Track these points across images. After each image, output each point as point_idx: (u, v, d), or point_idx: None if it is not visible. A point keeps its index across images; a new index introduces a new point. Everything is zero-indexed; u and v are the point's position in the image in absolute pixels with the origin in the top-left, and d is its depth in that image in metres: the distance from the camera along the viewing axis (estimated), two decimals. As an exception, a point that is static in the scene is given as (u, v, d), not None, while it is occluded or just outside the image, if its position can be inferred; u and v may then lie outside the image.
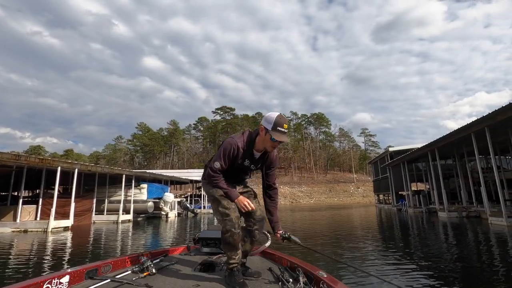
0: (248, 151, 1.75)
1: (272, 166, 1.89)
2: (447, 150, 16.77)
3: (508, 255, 5.20)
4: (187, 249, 2.50)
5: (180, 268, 1.95)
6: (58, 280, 1.38)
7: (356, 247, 6.27)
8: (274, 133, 1.63)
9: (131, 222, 15.45)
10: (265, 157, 1.83)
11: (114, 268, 1.85)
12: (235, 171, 1.82)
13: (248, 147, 1.75)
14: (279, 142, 1.66)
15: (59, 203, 12.06)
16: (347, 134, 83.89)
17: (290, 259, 1.96)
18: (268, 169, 1.89)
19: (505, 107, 9.06)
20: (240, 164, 1.78)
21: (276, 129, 1.62)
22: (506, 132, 11.49)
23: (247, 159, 1.77)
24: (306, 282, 1.51)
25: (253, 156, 1.78)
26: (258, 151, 1.78)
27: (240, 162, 1.76)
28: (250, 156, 1.77)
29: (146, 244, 7.56)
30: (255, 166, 1.84)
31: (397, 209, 22.07)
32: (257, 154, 1.80)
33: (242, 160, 1.76)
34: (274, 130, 1.63)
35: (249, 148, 1.75)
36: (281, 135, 1.63)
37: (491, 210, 11.49)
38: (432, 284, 3.44)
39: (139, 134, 77.86)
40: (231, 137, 1.80)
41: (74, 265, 4.71)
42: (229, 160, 1.74)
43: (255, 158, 1.79)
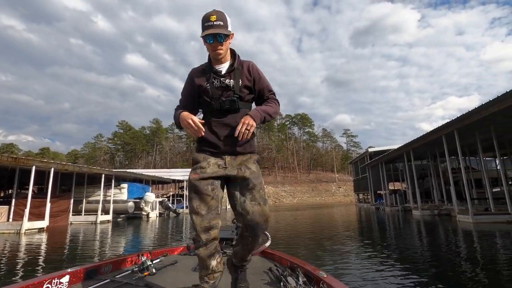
0: (208, 69, 1.48)
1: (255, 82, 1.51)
2: (421, 151, 17.57)
3: (470, 249, 5.61)
4: (187, 249, 2.48)
5: (180, 268, 1.93)
6: (58, 280, 1.39)
7: (336, 247, 6.52)
8: (202, 34, 1.37)
9: (110, 223, 15.11)
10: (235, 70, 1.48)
11: (114, 268, 1.84)
12: (212, 103, 1.44)
13: (208, 65, 1.50)
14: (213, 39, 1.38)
15: (33, 204, 11.64)
16: (330, 134, 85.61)
17: (290, 259, 1.94)
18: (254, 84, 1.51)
19: (471, 111, 9.67)
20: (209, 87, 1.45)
21: (204, 26, 1.37)
22: (474, 134, 12.21)
23: (213, 78, 1.45)
24: (306, 282, 1.50)
25: (217, 72, 1.46)
26: (219, 63, 1.48)
27: (206, 85, 1.45)
28: (215, 73, 1.46)
29: (127, 245, 7.49)
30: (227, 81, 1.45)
31: (375, 208, 22.84)
32: (222, 68, 1.48)
33: (207, 80, 1.46)
34: (202, 31, 1.38)
35: (209, 66, 1.49)
36: (207, 29, 1.35)
37: (459, 208, 12.20)
38: (404, 274, 3.70)
39: (120, 133, 75.79)
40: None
41: (48, 270, 4.64)
42: (191, 87, 1.49)
43: (221, 72, 1.47)
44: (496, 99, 8.47)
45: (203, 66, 1.52)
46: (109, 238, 9.14)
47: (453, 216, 12.71)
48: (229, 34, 1.40)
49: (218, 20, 1.37)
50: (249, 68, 1.50)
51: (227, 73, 1.47)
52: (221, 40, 1.39)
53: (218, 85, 1.45)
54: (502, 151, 16.66)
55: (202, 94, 1.48)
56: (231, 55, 1.52)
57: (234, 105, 1.42)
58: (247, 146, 1.47)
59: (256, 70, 1.52)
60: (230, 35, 1.42)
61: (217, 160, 1.41)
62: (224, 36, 1.38)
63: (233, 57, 1.52)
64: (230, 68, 1.48)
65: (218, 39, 1.38)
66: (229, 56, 1.51)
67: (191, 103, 1.52)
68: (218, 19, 1.37)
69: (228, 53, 1.50)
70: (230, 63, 1.50)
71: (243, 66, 1.50)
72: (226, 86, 1.45)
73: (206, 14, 1.39)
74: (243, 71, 1.49)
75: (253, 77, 1.50)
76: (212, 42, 1.39)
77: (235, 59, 1.50)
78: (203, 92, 1.47)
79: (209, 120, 1.45)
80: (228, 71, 1.47)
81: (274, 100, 1.54)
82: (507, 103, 8.26)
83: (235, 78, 1.46)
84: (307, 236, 8.25)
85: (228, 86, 1.45)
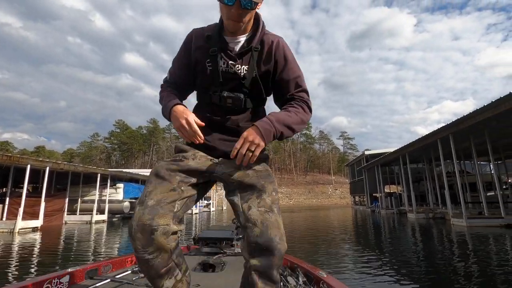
0: (217, 38, 1.01)
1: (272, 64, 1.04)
2: (417, 155, 17.70)
3: (463, 253, 5.67)
4: (187, 249, 2.45)
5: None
6: (58, 280, 1.38)
7: (332, 250, 6.56)
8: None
9: (105, 223, 15.03)
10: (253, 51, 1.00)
11: (114, 268, 1.83)
12: (211, 93, 1.03)
13: (216, 32, 1.02)
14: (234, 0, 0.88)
15: (28, 203, 11.54)
16: (326, 136, 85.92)
17: (290, 259, 1.91)
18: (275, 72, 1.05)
19: (466, 116, 9.78)
20: (211, 69, 1.01)
21: None
22: (469, 139, 12.34)
23: (221, 56, 1.00)
24: (306, 282, 1.48)
25: (227, 47, 1.01)
26: (233, 35, 1.02)
27: (208, 64, 1.02)
28: (223, 49, 1.01)
29: (120, 245, 7.46)
30: (236, 66, 1.01)
31: (371, 211, 22.95)
32: (236, 42, 1.02)
33: (211, 58, 1.01)
34: None
35: (218, 34, 1.02)
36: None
37: (453, 212, 12.32)
38: (397, 277, 3.74)
39: (117, 132, 75.44)
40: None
41: (40, 270, 4.61)
42: (187, 57, 1.06)
43: (234, 51, 1.01)
44: (490, 105, 8.58)
45: (209, 30, 1.05)
46: (103, 238, 9.10)
47: (447, 220, 12.81)
48: (259, 2, 0.92)
49: None
50: (272, 47, 1.02)
51: (239, 54, 1.01)
52: (248, 4, 0.89)
53: (225, 68, 1.01)
54: (496, 155, 16.85)
55: (198, 75, 1.07)
56: (253, 24, 1.03)
57: (239, 104, 1.01)
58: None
59: (283, 51, 1.04)
60: (259, 1, 0.92)
61: (207, 155, 1.04)
62: (253, 2, 0.90)
63: (255, 27, 1.03)
64: (246, 45, 1.01)
65: (243, 2, 0.89)
66: (251, 23, 1.01)
67: (185, 79, 1.09)
68: None
69: (250, 22, 1.00)
70: (248, 36, 1.02)
71: (264, 45, 1.02)
72: (234, 73, 1.01)
73: None
74: (264, 51, 1.02)
75: (276, 61, 1.03)
76: (232, 3, 0.89)
77: (258, 31, 1.01)
78: (200, 73, 1.05)
79: (204, 112, 1.04)
80: (242, 50, 1.01)
81: (303, 103, 1.03)
82: (501, 108, 8.37)
83: (250, 63, 1.01)
84: (303, 238, 8.27)
85: (236, 74, 1.01)
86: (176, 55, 1.12)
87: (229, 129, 1.05)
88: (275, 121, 0.95)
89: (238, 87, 1.02)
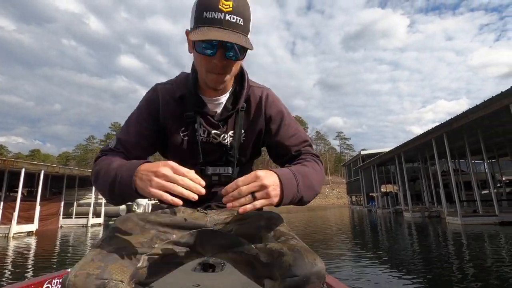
0: (193, 100, 0.81)
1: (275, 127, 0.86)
2: (412, 154, 17.83)
3: (457, 250, 5.73)
4: None
5: (180, 268, 1.94)
6: (58, 280, 1.37)
7: (330, 250, 6.59)
8: (197, 36, 0.65)
9: (101, 226, 14.95)
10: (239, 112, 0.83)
11: None
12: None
13: (192, 92, 0.81)
14: (214, 50, 0.68)
15: (22, 207, 11.44)
16: (323, 137, 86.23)
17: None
18: (270, 130, 0.86)
19: (459, 115, 9.90)
20: (188, 141, 0.82)
21: (203, 16, 0.66)
22: (463, 138, 12.47)
23: (199, 123, 0.81)
24: None
25: (207, 111, 0.81)
26: (213, 94, 0.81)
27: (183, 134, 0.82)
28: (202, 114, 0.81)
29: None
30: (221, 135, 0.83)
31: (367, 210, 23.06)
32: (216, 103, 0.82)
33: (186, 125, 0.82)
34: (195, 24, 0.68)
35: (194, 93, 0.81)
36: (211, 26, 0.65)
37: (448, 210, 12.43)
38: (393, 274, 3.78)
39: (113, 134, 75.02)
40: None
41: (35, 274, 4.59)
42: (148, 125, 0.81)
43: (215, 115, 0.83)
44: (482, 104, 8.70)
45: (180, 88, 0.82)
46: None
47: (442, 218, 12.92)
48: (248, 49, 0.69)
49: (235, 13, 0.66)
50: (262, 103, 0.85)
51: (223, 119, 0.82)
52: (233, 56, 0.69)
53: (205, 139, 0.82)
54: (490, 154, 17.05)
55: (170, 147, 0.84)
56: (236, 78, 0.83)
57: (227, 182, 0.73)
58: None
59: (275, 104, 0.86)
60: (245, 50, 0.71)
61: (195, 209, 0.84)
62: (240, 50, 0.69)
63: (239, 83, 0.84)
64: (230, 106, 0.82)
65: (228, 54, 0.69)
66: (232, 81, 0.82)
67: (144, 151, 0.82)
68: (236, 10, 0.66)
69: (234, 74, 0.78)
70: (230, 94, 0.83)
71: (251, 102, 0.84)
72: (218, 144, 0.82)
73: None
74: (252, 110, 0.85)
75: (270, 118, 0.85)
76: (210, 54, 0.68)
77: (243, 88, 0.83)
78: (172, 145, 0.83)
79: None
80: (226, 114, 0.82)
81: (315, 158, 0.84)
82: (492, 107, 8.49)
83: (236, 128, 0.82)
84: (302, 238, 8.29)
85: (220, 145, 0.83)
86: (132, 116, 0.82)
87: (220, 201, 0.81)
88: (301, 180, 0.69)
89: (223, 159, 0.84)
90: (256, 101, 0.85)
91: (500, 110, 8.37)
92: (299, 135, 0.87)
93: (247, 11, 0.69)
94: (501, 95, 7.89)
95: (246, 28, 0.69)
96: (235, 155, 0.83)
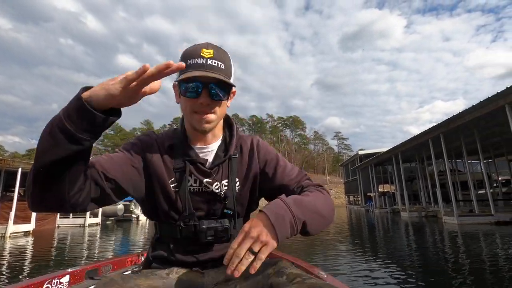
0: (182, 149, 0.80)
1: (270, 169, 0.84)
2: (409, 154, 17.94)
3: (453, 249, 5.78)
4: None
5: None
6: (58, 280, 1.37)
7: (329, 251, 6.62)
8: (181, 76, 0.71)
9: (99, 226, 14.90)
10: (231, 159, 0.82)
11: (114, 268, 1.81)
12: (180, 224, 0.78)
13: (181, 142, 0.81)
14: (198, 91, 0.72)
15: (19, 207, 11.39)
16: (321, 137, 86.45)
17: (290, 259, 1.86)
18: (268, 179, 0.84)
19: (455, 116, 9.98)
20: (178, 192, 0.78)
21: (187, 63, 0.71)
22: (459, 138, 12.57)
23: (190, 172, 0.79)
24: None
25: (197, 159, 0.80)
26: (201, 142, 0.82)
27: (172, 186, 0.79)
28: (193, 162, 0.79)
29: (114, 249, 7.42)
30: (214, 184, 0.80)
31: (365, 210, 23.16)
32: (207, 151, 0.82)
33: (176, 177, 0.79)
34: (182, 71, 0.71)
35: (183, 143, 0.81)
36: (193, 69, 0.70)
37: (445, 210, 12.52)
38: (391, 273, 3.81)
39: (111, 134, 74.82)
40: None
41: (31, 275, 4.57)
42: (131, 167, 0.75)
43: (206, 163, 0.81)
44: (479, 104, 8.77)
45: (169, 139, 0.82)
46: (97, 241, 9.03)
47: (439, 218, 13.01)
48: (231, 87, 0.75)
49: (216, 59, 0.72)
50: (254, 149, 0.86)
51: (215, 166, 0.80)
52: (216, 96, 0.73)
53: (197, 188, 0.79)
54: (486, 154, 17.18)
55: (156, 199, 0.79)
56: (224, 127, 0.87)
57: (224, 236, 0.77)
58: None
59: (267, 149, 0.88)
60: (232, 91, 0.78)
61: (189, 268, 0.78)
62: (223, 88, 0.73)
63: (228, 131, 0.87)
64: (221, 154, 0.82)
65: (212, 93, 0.72)
66: (221, 129, 0.85)
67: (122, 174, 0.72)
68: (216, 57, 0.73)
69: (220, 124, 0.83)
70: (221, 142, 0.84)
71: (243, 149, 0.85)
72: (211, 194, 0.80)
73: (194, 46, 0.75)
74: (244, 157, 0.85)
75: (266, 162, 0.85)
76: (196, 96, 0.72)
77: (232, 135, 0.85)
78: (160, 197, 0.79)
79: (169, 249, 0.80)
80: (218, 161, 0.81)
81: (317, 187, 0.81)
82: (488, 108, 8.56)
83: (230, 176, 0.81)
84: (298, 237, 8.32)
85: (214, 195, 0.80)
86: (118, 153, 0.76)
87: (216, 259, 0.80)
88: (292, 203, 0.65)
89: (218, 211, 0.80)
90: (248, 148, 0.86)
91: (496, 110, 8.44)
92: (296, 171, 0.85)
93: (227, 60, 0.75)
94: (496, 95, 7.96)
95: (228, 72, 0.74)
96: (232, 205, 0.80)
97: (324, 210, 0.72)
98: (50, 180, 0.56)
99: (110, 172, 0.69)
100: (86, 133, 0.54)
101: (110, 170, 0.69)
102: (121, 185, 0.71)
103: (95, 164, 0.67)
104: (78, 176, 0.60)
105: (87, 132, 0.54)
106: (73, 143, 0.53)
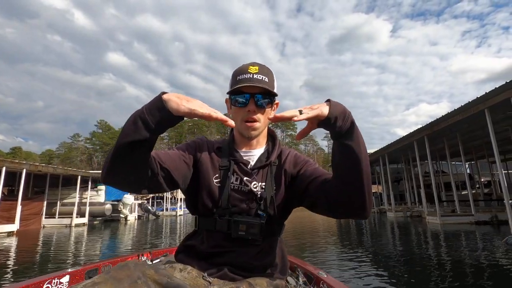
0: (228, 151, 0.92)
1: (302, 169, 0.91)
2: (396, 156, 18.35)
3: (434, 248, 6.01)
4: None
5: None
6: (58, 280, 1.38)
7: (319, 250, 6.76)
8: (233, 87, 0.85)
9: (86, 226, 14.69)
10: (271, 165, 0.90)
11: None
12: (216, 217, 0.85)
13: (228, 146, 0.94)
14: (247, 101, 0.84)
15: (3, 206, 11.14)
16: (311, 137, 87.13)
17: (290, 259, 1.87)
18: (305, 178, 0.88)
19: (439, 119, 10.31)
20: (220, 187, 0.87)
21: (236, 79, 0.85)
22: (443, 140, 12.96)
23: (233, 170, 0.88)
24: (306, 282, 1.45)
25: (241, 160, 0.90)
26: (247, 147, 0.94)
27: (215, 180, 0.87)
28: (237, 162, 0.90)
29: (101, 250, 7.36)
30: (253, 183, 0.87)
31: (353, 210, 23.54)
32: (251, 155, 0.93)
33: (221, 173, 0.88)
34: (234, 84, 0.85)
35: (231, 147, 0.93)
36: (242, 82, 0.83)
37: (429, 210, 12.90)
38: (375, 270, 3.96)
39: (99, 133, 73.42)
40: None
41: (15, 279, 4.52)
42: (186, 161, 0.87)
43: (247, 164, 0.90)
44: (460, 109, 9.11)
45: (218, 143, 0.96)
46: (84, 242, 8.93)
47: (423, 218, 13.40)
48: (274, 96, 0.88)
49: (261, 74, 0.85)
50: (292, 158, 0.94)
51: (256, 168, 0.89)
52: (262, 103, 0.85)
53: (237, 186, 0.87)
54: (469, 156, 17.75)
55: (200, 193, 0.87)
56: (268, 138, 0.98)
57: (254, 233, 0.82)
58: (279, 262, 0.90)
59: (305, 160, 0.94)
60: (275, 102, 0.90)
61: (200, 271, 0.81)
62: (268, 97, 0.86)
63: (271, 142, 0.97)
64: (263, 159, 0.91)
65: (258, 101, 0.84)
66: (265, 138, 0.96)
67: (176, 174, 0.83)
68: (261, 72, 0.85)
69: (264, 133, 0.94)
70: (264, 150, 0.94)
71: (282, 157, 0.93)
72: (249, 192, 0.86)
73: (242, 66, 0.88)
74: (283, 165, 0.92)
75: (301, 171, 0.90)
76: (243, 105, 0.85)
77: (275, 145, 0.95)
78: (203, 190, 0.87)
79: (202, 243, 0.87)
80: (259, 165, 0.90)
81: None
82: (469, 112, 8.89)
83: (269, 181, 0.88)
84: (290, 238, 8.44)
85: (251, 194, 0.86)
86: (174, 151, 0.89)
87: (236, 265, 0.83)
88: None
89: (253, 211, 0.85)
90: (286, 159, 0.94)
91: (476, 114, 8.78)
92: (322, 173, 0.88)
93: (271, 75, 0.88)
94: (476, 100, 8.29)
95: (271, 85, 0.87)
96: (266, 207, 0.85)
97: (366, 156, 0.74)
98: (123, 159, 0.69)
99: (165, 163, 0.80)
100: (157, 125, 0.68)
101: (165, 161, 0.81)
102: (173, 175, 0.82)
103: (154, 155, 0.79)
104: (142, 160, 0.72)
105: (159, 124, 0.68)
106: (147, 131, 0.68)
